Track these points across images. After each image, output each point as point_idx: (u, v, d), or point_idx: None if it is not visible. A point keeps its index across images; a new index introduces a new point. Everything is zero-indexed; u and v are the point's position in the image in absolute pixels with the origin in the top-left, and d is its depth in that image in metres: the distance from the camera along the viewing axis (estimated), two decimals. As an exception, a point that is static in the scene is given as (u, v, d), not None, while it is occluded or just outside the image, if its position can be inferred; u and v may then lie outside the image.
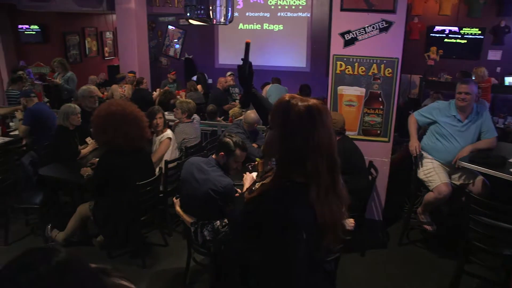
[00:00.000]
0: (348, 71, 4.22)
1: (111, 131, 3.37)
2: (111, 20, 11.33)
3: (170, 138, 4.28)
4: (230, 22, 3.34)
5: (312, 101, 1.49)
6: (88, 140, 4.45)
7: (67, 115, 4.30)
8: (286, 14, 10.69)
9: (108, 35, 12.26)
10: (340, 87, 4.31)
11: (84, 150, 4.34)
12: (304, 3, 10.43)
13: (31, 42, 10.76)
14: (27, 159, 4.39)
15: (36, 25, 10.60)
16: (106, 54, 12.33)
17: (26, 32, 10.72)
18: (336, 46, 4.21)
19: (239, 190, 3.04)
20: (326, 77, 4.68)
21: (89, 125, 4.09)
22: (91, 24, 11.67)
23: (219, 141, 3.10)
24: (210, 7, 3.17)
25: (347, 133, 4.04)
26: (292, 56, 10.81)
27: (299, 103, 1.47)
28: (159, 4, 10.60)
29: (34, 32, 10.70)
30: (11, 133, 5.20)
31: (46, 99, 7.18)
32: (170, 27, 12.18)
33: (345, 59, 4.20)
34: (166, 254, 3.98)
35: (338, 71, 4.25)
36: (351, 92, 4.29)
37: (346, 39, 4.15)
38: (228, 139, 3.02)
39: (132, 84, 8.08)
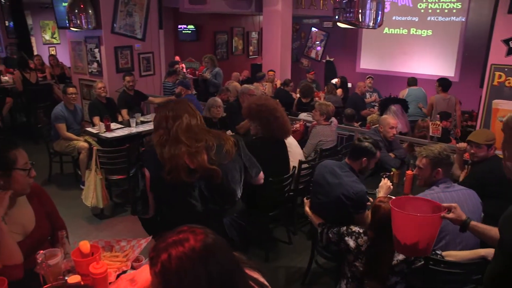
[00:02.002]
0: (509, 83, 3.77)
1: (258, 122, 3.57)
2: (258, 21, 11.88)
3: None
4: (379, 26, 3.25)
5: None
6: (229, 133, 4.74)
7: (209, 107, 4.65)
8: (437, 18, 9.97)
9: (254, 35, 12.88)
10: (495, 101, 3.88)
11: (224, 142, 4.63)
12: (459, 6, 9.60)
13: (186, 40, 11.89)
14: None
15: (192, 25, 11.65)
16: (251, 53, 12.98)
17: (183, 32, 11.87)
18: (497, 54, 3.80)
19: (371, 199, 2.94)
20: (478, 88, 4.26)
21: (233, 118, 4.36)
22: (239, 25, 12.39)
23: (355, 146, 3.03)
24: (360, 11, 3.11)
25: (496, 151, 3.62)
26: (439, 64, 10.05)
27: None
28: (305, 6, 10.77)
29: (189, 31, 11.79)
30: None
31: (194, 92, 7.83)
32: (313, 29, 12.31)
33: (506, 69, 3.77)
34: (289, 251, 4.04)
35: (495, 83, 3.83)
36: (510, 107, 3.82)
37: (511, 46, 3.71)
38: (367, 144, 2.95)
39: (272, 82, 8.38)
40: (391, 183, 3.15)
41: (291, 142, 4.28)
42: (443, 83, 6.63)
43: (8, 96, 7.67)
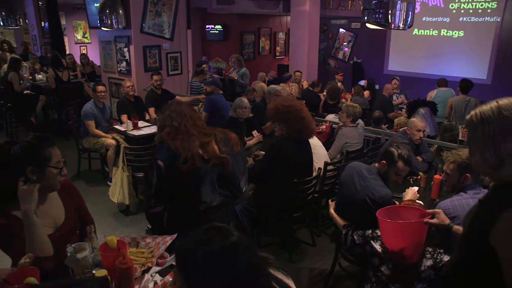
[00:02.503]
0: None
1: (285, 123, 3.57)
2: (285, 21, 11.86)
3: None
4: (409, 27, 3.19)
5: None
6: (255, 133, 4.75)
7: (235, 108, 4.68)
8: (470, 19, 9.71)
9: (281, 35, 12.88)
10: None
11: (250, 142, 4.64)
12: (495, 6, 9.29)
13: (213, 40, 11.99)
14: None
15: (220, 25, 11.74)
16: (277, 53, 12.98)
17: (211, 32, 11.98)
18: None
19: (397, 203, 2.90)
20: (513, 91, 4.12)
21: (259, 118, 4.36)
22: (266, 25, 12.41)
23: (383, 149, 3.00)
24: (390, 11, 3.06)
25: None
26: (471, 66, 9.79)
27: None
28: (333, 7, 10.70)
29: (217, 31, 11.89)
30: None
31: (221, 92, 7.88)
32: (341, 30, 12.21)
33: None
34: (313, 253, 4.02)
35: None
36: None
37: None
38: (393, 149, 2.90)
39: (298, 83, 8.35)
40: (417, 188, 3.09)
41: (315, 143, 4.26)
42: (462, 85, 6.52)
43: (41, 94, 7.90)
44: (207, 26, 12.00)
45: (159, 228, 2.54)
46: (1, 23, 8.93)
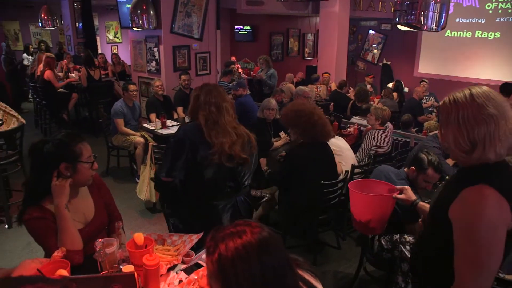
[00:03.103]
0: None
1: (297, 129, 3.54)
2: (314, 22, 11.80)
3: None
4: (442, 29, 3.11)
5: None
6: (282, 134, 4.74)
7: (262, 109, 4.68)
8: (508, 19, 9.39)
9: (310, 36, 12.81)
10: None
11: (277, 143, 4.64)
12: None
13: (242, 41, 12.04)
14: (227, 144, 4.94)
15: (249, 26, 11.77)
16: (306, 55, 12.92)
17: (240, 32, 12.03)
18: None
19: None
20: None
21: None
22: (295, 26, 12.37)
23: (414, 155, 2.94)
24: (422, 13, 2.99)
25: None
26: (507, 69, 9.49)
27: None
28: (362, 8, 10.57)
29: (246, 32, 11.93)
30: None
31: (249, 92, 7.90)
32: (371, 31, 12.06)
33: None
34: (337, 256, 3.98)
35: None
36: None
37: None
38: (423, 156, 2.83)
39: (326, 84, 8.28)
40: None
41: (342, 145, 4.21)
42: (506, 89, 6.36)
43: (74, 92, 8.11)
44: (236, 27, 12.06)
45: (165, 196, 2.80)
46: (40, 24, 9.22)
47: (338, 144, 4.17)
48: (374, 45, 12.07)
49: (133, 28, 6.30)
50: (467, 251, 1.38)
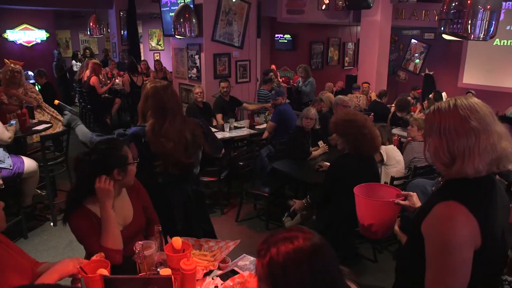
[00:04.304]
0: None
1: (344, 138, 3.48)
2: (355, 31, 11.67)
3: None
4: (491, 37, 2.98)
5: None
6: (320, 143, 4.69)
7: (301, 117, 4.65)
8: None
9: (350, 45, 12.69)
10: None
11: (315, 152, 4.60)
12: None
13: (282, 49, 12.06)
14: (265, 152, 4.97)
15: (289, 34, 11.80)
16: (346, 64, 12.80)
17: (280, 41, 12.07)
18: None
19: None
20: None
21: (326, 128, 4.31)
22: (335, 35, 12.28)
23: None
24: (469, 21, 2.88)
25: None
26: None
27: None
28: (405, 17, 10.37)
29: (286, 41, 11.96)
30: (256, 127, 5.92)
31: (287, 100, 7.91)
32: (413, 40, 11.81)
33: None
34: (374, 270, 3.88)
35: None
36: None
37: None
38: None
39: (366, 94, 8.16)
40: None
41: (391, 154, 4.17)
42: None
43: (117, 97, 8.38)
44: (276, 35, 12.12)
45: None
46: (89, 32, 9.65)
47: (391, 154, 4.23)
48: (416, 55, 11.79)
49: (176, 36, 6.44)
50: (433, 268, 1.35)
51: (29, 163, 4.05)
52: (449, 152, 1.35)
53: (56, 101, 3.46)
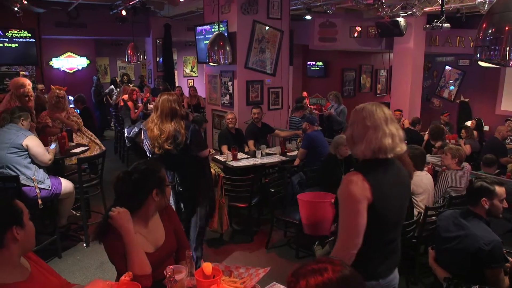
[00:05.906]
0: None
1: None
2: (388, 58, 11.63)
3: None
4: (529, 64, 2.90)
5: None
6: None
7: (337, 145, 4.61)
8: None
9: (382, 73, 12.61)
10: None
11: (347, 180, 4.54)
12: None
13: (314, 76, 12.13)
14: (296, 179, 4.96)
15: (321, 61, 11.87)
16: (378, 91, 12.70)
17: (312, 68, 12.15)
18: None
19: (510, 259, 2.61)
20: None
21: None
22: (368, 62, 12.25)
23: (469, 189, 2.76)
24: (507, 48, 2.81)
25: None
26: None
27: None
28: (439, 44, 10.27)
29: (318, 68, 12.02)
30: (288, 153, 5.91)
31: (319, 128, 7.89)
32: (447, 67, 11.63)
33: None
34: (408, 303, 3.76)
35: None
36: None
37: None
38: (481, 183, 2.67)
39: (398, 122, 8.04)
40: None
41: (423, 181, 4.13)
42: None
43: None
44: (308, 63, 12.21)
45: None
46: (126, 59, 10.04)
47: (424, 180, 4.17)
48: (451, 82, 11.58)
49: (210, 63, 6.60)
50: (340, 218, 1.95)
51: (66, 185, 4.19)
52: (352, 138, 1.98)
53: None
